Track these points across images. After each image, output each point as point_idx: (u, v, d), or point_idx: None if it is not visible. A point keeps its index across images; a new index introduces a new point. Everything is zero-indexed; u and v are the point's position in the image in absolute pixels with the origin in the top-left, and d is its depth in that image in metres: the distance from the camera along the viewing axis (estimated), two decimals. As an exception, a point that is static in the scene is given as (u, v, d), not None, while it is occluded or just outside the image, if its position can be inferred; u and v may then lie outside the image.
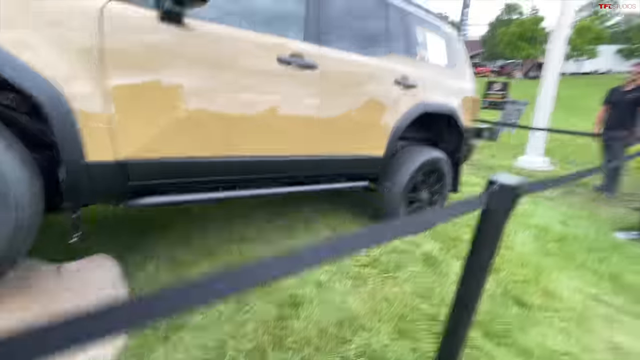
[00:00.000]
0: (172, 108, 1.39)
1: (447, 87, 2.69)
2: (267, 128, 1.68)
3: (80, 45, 1.17)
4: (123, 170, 1.32)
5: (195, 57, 1.42)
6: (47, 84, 1.10)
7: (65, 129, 1.15)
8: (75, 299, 1.40)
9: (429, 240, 2.57)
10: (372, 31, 2.23)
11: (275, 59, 1.65)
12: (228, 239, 2.30)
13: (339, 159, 2.06)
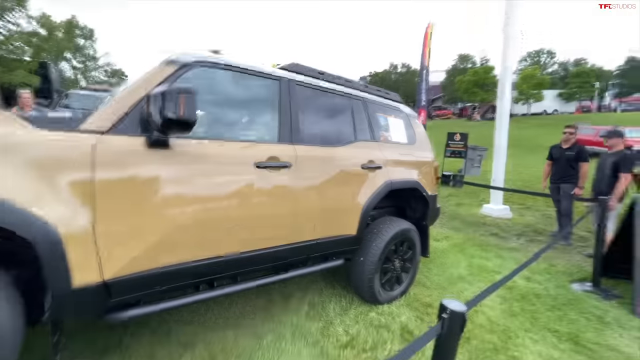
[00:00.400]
0: (156, 223, 1.49)
1: (410, 162, 2.98)
2: (247, 227, 1.81)
3: (73, 180, 1.29)
4: (106, 289, 1.37)
5: (180, 174, 1.57)
6: (34, 222, 1.18)
7: (52, 259, 1.22)
8: None
9: (404, 309, 2.68)
10: (338, 124, 2.51)
11: (253, 165, 1.83)
12: (209, 326, 2.30)
13: (316, 244, 2.20)
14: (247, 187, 1.81)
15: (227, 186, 1.73)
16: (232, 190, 1.75)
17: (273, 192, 1.92)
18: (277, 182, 1.94)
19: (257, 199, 1.85)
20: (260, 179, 1.86)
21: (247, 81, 2.02)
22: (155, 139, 1.48)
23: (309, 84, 2.35)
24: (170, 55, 1.74)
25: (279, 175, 1.95)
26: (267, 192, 1.89)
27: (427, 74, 7.83)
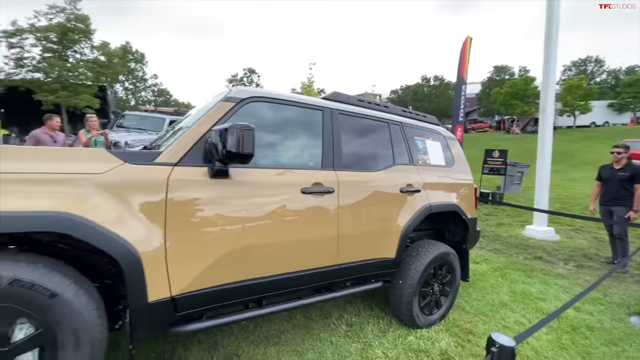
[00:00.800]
0: (216, 244, 1.66)
1: (448, 185, 2.99)
2: (294, 249, 1.94)
3: (150, 206, 1.49)
4: (173, 304, 1.54)
5: (238, 200, 1.74)
6: (123, 245, 1.38)
7: (134, 277, 1.40)
8: None
9: (443, 334, 2.64)
10: (377, 149, 2.60)
11: (300, 191, 1.97)
12: (252, 340, 2.42)
13: (356, 266, 2.27)
14: (294, 212, 1.94)
15: (276, 211, 1.87)
16: (281, 215, 1.89)
17: (317, 216, 2.04)
18: (321, 207, 2.06)
19: (303, 223, 1.98)
20: (305, 204, 1.99)
21: (293, 112, 2.19)
22: (217, 169, 1.66)
23: (349, 111, 2.48)
24: (228, 93, 1.95)
25: (322, 200, 2.07)
26: (311, 216, 2.02)
27: (465, 88, 7.64)
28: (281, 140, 2.13)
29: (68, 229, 1.25)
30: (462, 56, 7.77)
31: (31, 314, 1.21)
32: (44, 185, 1.29)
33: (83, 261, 1.53)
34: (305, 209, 1.98)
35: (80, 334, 1.28)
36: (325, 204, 2.08)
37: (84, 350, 1.30)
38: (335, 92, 2.58)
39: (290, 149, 2.17)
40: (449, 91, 52.55)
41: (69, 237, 1.33)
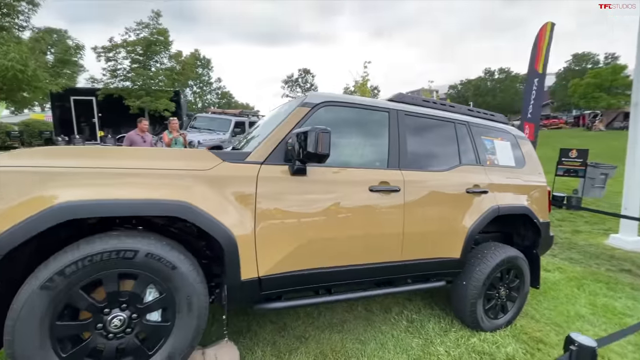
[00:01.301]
0: (294, 234, 1.87)
1: (518, 187, 2.87)
2: (364, 243, 2.08)
3: (244, 197, 1.74)
4: (259, 284, 1.79)
5: (313, 196, 1.93)
6: (225, 230, 1.64)
7: (232, 258, 1.66)
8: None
9: (509, 340, 2.57)
10: (442, 149, 2.61)
11: (368, 189, 2.10)
12: (317, 326, 2.63)
13: (419, 263, 2.34)
14: (362, 208, 2.08)
15: (346, 206, 2.03)
16: (350, 210, 2.04)
17: (383, 213, 2.15)
18: (387, 205, 2.17)
19: (370, 219, 2.11)
20: (373, 201, 2.11)
21: (361, 114, 2.32)
22: (297, 167, 1.86)
23: (414, 112, 2.53)
24: (304, 99, 2.15)
25: (388, 198, 2.17)
26: (378, 213, 2.13)
27: (540, 82, 6.82)
28: (350, 140, 2.28)
29: (186, 214, 1.54)
30: (537, 45, 6.86)
31: (158, 281, 1.53)
32: (166, 179, 1.61)
33: (186, 243, 1.85)
34: (372, 206, 2.11)
35: (192, 300, 1.57)
36: (391, 202, 2.18)
37: (194, 314, 1.59)
38: (399, 94, 2.65)
39: (358, 149, 2.30)
40: (516, 84, 48.05)
41: (179, 221, 1.63)
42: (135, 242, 1.47)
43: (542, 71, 6.77)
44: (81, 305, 1.42)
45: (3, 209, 1.31)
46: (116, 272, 1.45)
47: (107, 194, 1.44)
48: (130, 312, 1.49)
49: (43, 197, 1.35)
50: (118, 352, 1.48)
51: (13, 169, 1.37)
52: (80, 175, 1.45)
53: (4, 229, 1.28)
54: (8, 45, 8.00)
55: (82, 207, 1.37)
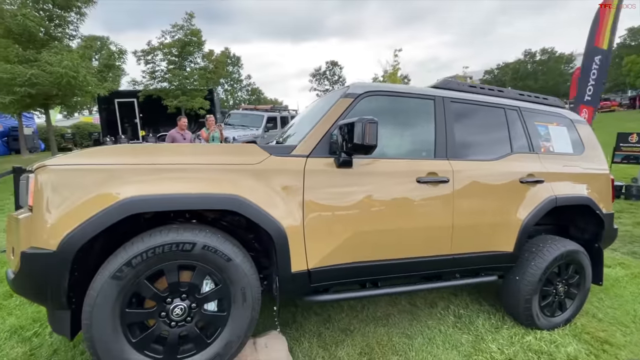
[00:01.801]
0: (341, 226, 1.85)
1: (578, 175, 2.65)
2: (412, 236, 2.03)
3: (293, 191, 1.75)
4: (308, 276, 1.79)
5: (360, 188, 1.90)
6: (275, 222, 1.66)
7: (282, 250, 1.68)
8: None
9: (569, 339, 2.40)
10: (492, 136, 2.46)
11: (415, 180, 2.03)
12: (361, 319, 2.61)
13: (469, 257, 2.24)
14: (410, 200, 2.02)
15: (394, 198, 1.98)
16: (398, 203, 1.99)
17: (432, 205, 2.07)
18: (436, 196, 2.08)
19: (418, 211, 2.04)
20: (420, 193, 2.04)
21: (405, 103, 2.24)
22: (343, 160, 1.84)
23: (461, 99, 2.40)
24: (347, 89, 2.11)
25: (437, 190, 2.09)
26: (426, 205, 2.06)
27: (604, 60, 6.09)
28: (395, 130, 2.21)
29: (239, 207, 1.58)
30: (598, 18, 6.18)
31: (214, 273, 1.58)
32: (219, 174, 1.65)
33: (235, 236, 1.89)
34: (420, 197, 2.04)
35: (247, 292, 1.61)
36: (439, 194, 2.09)
37: (248, 305, 1.63)
38: (445, 80, 2.52)
39: (404, 139, 2.23)
40: (560, 66, 44.42)
41: (229, 215, 1.66)
42: (193, 234, 1.52)
43: (608, 47, 6.11)
44: (146, 294, 1.50)
45: (73, 205, 1.41)
46: (176, 263, 1.52)
47: (165, 189, 1.51)
48: (190, 301, 1.56)
49: (109, 193, 1.44)
50: (180, 339, 1.56)
51: (80, 167, 1.47)
52: (140, 172, 1.53)
53: (76, 225, 1.38)
54: (62, 54, 8.71)
55: (144, 202, 1.45)
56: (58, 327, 1.51)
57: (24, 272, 1.39)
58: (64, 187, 1.43)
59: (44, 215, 1.40)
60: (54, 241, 1.37)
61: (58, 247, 1.36)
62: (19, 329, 2.31)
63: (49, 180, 1.43)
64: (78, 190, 1.43)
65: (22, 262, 1.38)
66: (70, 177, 1.44)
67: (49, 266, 1.37)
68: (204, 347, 1.58)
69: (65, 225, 1.38)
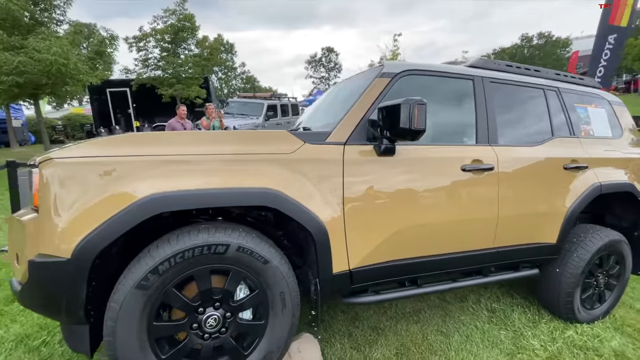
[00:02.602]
0: (384, 221, 1.67)
1: (619, 160, 2.48)
2: (457, 229, 1.86)
3: (331, 183, 1.56)
4: (350, 277, 1.62)
5: (403, 177, 1.71)
6: (315, 218, 1.47)
7: (323, 249, 1.50)
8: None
9: (612, 333, 2.28)
10: (533, 120, 2.28)
11: (460, 168, 1.85)
12: (390, 316, 2.47)
13: (513, 250, 2.08)
14: (455, 190, 1.84)
15: (439, 189, 1.80)
16: (444, 193, 1.81)
17: (478, 196, 1.90)
18: (481, 185, 1.91)
19: (464, 202, 1.87)
20: (466, 182, 1.86)
21: (444, 83, 2.04)
22: (385, 147, 1.64)
23: (500, 79, 2.21)
24: (382, 68, 1.89)
25: (482, 178, 1.91)
26: (472, 195, 1.89)
27: (619, 39, 5.84)
28: (435, 114, 2.00)
29: (275, 203, 1.38)
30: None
31: (250, 277, 1.40)
32: (250, 165, 1.44)
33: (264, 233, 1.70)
34: (465, 187, 1.86)
35: (286, 297, 1.44)
36: (485, 182, 1.92)
37: (288, 311, 1.45)
38: (482, 59, 2.31)
39: (444, 123, 2.03)
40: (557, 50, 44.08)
41: (255, 210, 1.46)
42: (226, 235, 1.33)
43: (627, 24, 5.87)
44: (176, 305, 1.31)
45: (87, 205, 1.21)
46: (208, 268, 1.33)
47: (192, 184, 1.30)
48: (224, 310, 1.38)
49: (128, 190, 1.23)
50: (214, 352, 1.38)
51: (91, 159, 1.26)
52: (161, 164, 1.32)
53: (92, 228, 1.18)
54: (49, 40, 8.22)
55: (170, 200, 1.24)
56: (75, 344, 1.32)
57: (32, 283, 1.19)
58: (74, 183, 1.22)
59: (52, 217, 1.19)
60: (67, 247, 1.17)
61: (73, 255, 1.16)
62: (24, 337, 2.12)
63: (57, 176, 1.21)
64: (92, 186, 1.22)
65: (30, 272, 1.18)
66: (80, 171, 1.23)
67: (63, 276, 1.17)
68: (241, 359, 1.41)
69: (79, 228, 1.18)
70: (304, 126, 2.20)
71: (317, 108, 2.60)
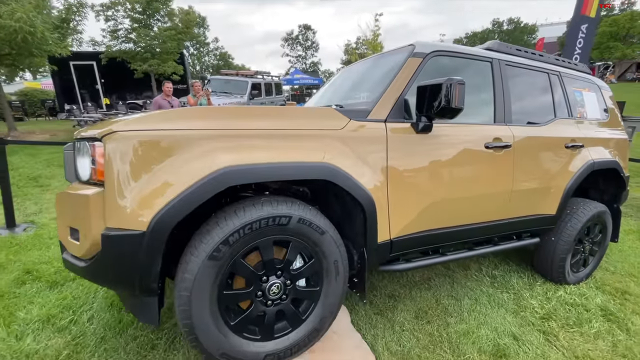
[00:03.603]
0: (421, 194, 1.79)
1: (607, 140, 2.76)
2: (480, 202, 2.02)
3: (378, 157, 1.64)
4: (390, 246, 1.74)
5: (438, 153, 1.83)
6: (365, 191, 1.56)
7: (371, 220, 1.60)
8: (338, 339, 1.85)
9: (595, 292, 2.61)
10: (540, 101, 2.46)
11: (484, 146, 1.99)
12: (403, 284, 2.66)
13: (520, 221, 2.30)
14: (480, 166, 2.00)
15: (468, 164, 1.94)
16: (471, 169, 1.96)
17: (497, 170, 2.07)
18: (500, 161, 2.07)
19: (487, 177, 2.03)
20: (489, 158, 2.01)
21: (468, 64, 2.15)
22: (424, 124, 1.73)
23: (513, 62, 2.35)
24: (414, 48, 1.96)
25: (501, 155, 2.07)
26: (493, 170, 2.05)
27: (590, 28, 6.27)
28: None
29: (333, 177, 1.45)
30: None
31: (309, 247, 1.47)
32: (307, 140, 1.49)
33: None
34: (488, 163, 2.02)
35: (339, 265, 1.53)
36: (503, 159, 2.08)
37: (340, 279, 1.56)
38: (496, 42, 2.43)
39: (468, 103, 2.15)
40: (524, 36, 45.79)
41: (295, 184, 1.53)
42: (288, 207, 1.39)
43: (595, 15, 6.30)
44: (243, 274, 1.37)
45: (161, 178, 1.21)
46: (272, 239, 1.39)
47: (258, 158, 1.34)
48: (284, 278, 1.46)
49: (201, 163, 1.24)
50: (276, 317, 1.46)
51: (158, 132, 1.25)
52: (227, 139, 1.33)
53: (168, 201, 1.19)
54: (11, 4, 7.27)
55: (242, 172, 1.27)
56: (145, 315, 1.35)
57: (106, 257, 1.20)
58: (144, 156, 1.21)
59: (124, 191, 1.19)
60: (143, 221, 1.18)
61: (149, 228, 1.17)
62: (50, 318, 2.08)
63: (126, 149, 1.20)
64: (163, 160, 1.22)
65: (104, 246, 1.18)
66: (149, 145, 1.22)
67: (140, 249, 1.18)
68: (298, 324, 1.51)
69: (154, 201, 1.19)
70: (324, 104, 2.24)
71: (334, 88, 2.63)
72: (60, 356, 1.79)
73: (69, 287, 2.44)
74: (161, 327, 2.06)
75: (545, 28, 46.43)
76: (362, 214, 1.57)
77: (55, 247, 3.07)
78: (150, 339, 1.95)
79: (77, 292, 2.37)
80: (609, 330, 2.18)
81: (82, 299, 2.31)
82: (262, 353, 1.41)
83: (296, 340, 1.48)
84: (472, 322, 2.20)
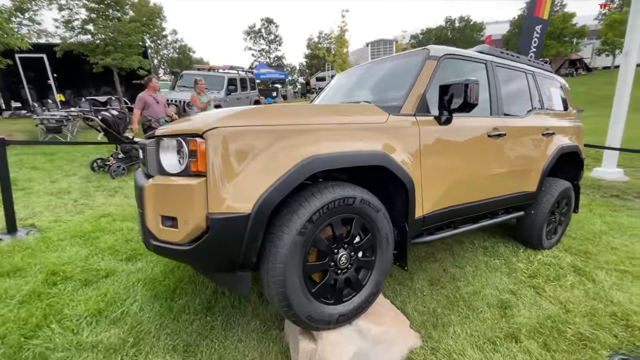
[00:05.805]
0: (446, 178, 2.14)
1: (569, 128, 3.33)
2: (488, 182, 2.44)
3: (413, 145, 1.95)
4: (422, 221, 2.07)
5: (456, 140, 2.18)
6: (408, 175, 1.86)
7: (412, 200, 1.91)
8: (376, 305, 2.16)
9: (564, 254, 3.18)
10: (520, 97, 2.93)
11: (487, 135, 2.38)
12: (410, 259, 3.03)
13: (511, 197, 2.75)
14: (486, 151, 2.40)
15: (477, 150, 2.33)
16: (480, 154, 2.35)
17: (497, 155, 2.50)
18: (499, 148, 2.49)
19: (491, 160, 2.45)
20: (491, 145, 2.42)
21: (469, 65, 2.52)
22: (447, 117, 2.07)
23: (502, 63, 2.78)
24: (428, 52, 2.28)
25: (499, 142, 2.49)
26: (494, 155, 2.48)
27: (544, 29, 7.14)
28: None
29: (386, 163, 1.73)
30: None
31: (367, 222, 1.74)
32: (366, 132, 1.76)
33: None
34: (491, 149, 2.42)
35: (389, 237, 1.83)
36: (500, 145, 2.50)
37: (390, 249, 1.85)
38: (486, 46, 2.85)
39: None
40: (474, 34, 49.04)
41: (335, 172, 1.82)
42: (352, 190, 1.65)
43: (547, 17, 7.13)
44: (321, 247, 1.61)
45: (261, 168, 1.41)
46: (341, 217, 1.64)
47: (333, 148, 1.58)
48: (349, 250, 1.72)
49: (291, 153, 1.46)
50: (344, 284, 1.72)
51: (252, 128, 1.44)
52: (306, 132, 1.56)
53: (268, 185, 1.40)
54: None
55: (323, 160, 1.51)
56: (241, 288, 1.53)
57: (213, 238, 1.37)
58: (244, 149, 1.40)
59: (227, 180, 1.37)
60: (248, 204, 1.37)
61: (254, 209, 1.37)
62: (99, 311, 2.15)
63: (227, 143, 1.38)
64: (261, 151, 1.42)
65: (213, 228, 1.36)
66: (247, 139, 1.41)
67: (245, 229, 1.38)
68: (360, 289, 1.78)
69: (257, 187, 1.39)
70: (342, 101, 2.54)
71: (346, 87, 2.89)
72: (126, 344, 1.89)
73: (104, 284, 2.48)
74: (212, 311, 2.23)
75: (491, 26, 50.25)
76: (405, 194, 1.88)
77: (70, 249, 3.02)
78: (207, 321, 2.11)
79: (115, 288, 2.43)
80: (580, 281, 2.71)
81: (123, 293, 2.37)
82: (335, 314, 1.66)
83: (359, 303, 1.75)
84: (477, 284, 2.62)
